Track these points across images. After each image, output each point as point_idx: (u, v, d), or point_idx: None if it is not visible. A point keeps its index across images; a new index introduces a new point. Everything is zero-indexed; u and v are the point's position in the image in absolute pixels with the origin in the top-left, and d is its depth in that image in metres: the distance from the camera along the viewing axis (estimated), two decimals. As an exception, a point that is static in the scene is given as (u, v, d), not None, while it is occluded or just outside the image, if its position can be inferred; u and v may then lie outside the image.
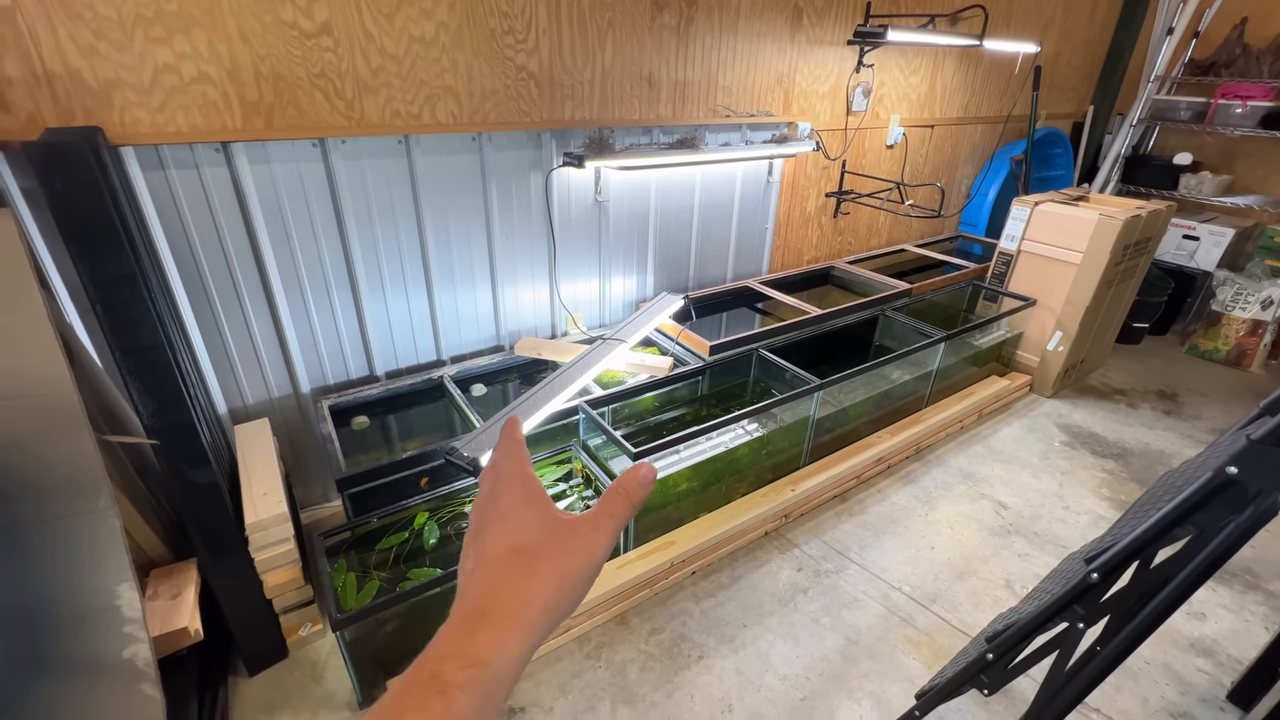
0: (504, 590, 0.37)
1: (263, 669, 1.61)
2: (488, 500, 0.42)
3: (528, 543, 0.39)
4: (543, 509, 0.40)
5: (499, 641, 0.34)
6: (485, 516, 0.41)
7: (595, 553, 0.39)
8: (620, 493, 0.41)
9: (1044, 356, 3.01)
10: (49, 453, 1.08)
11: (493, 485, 0.42)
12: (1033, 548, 2.10)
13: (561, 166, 2.15)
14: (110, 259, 1.21)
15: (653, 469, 0.42)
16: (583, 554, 0.39)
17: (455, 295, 2.15)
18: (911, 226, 3.76)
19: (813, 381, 2.10)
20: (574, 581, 0.38)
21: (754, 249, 2.97)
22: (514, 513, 0.40)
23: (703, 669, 1.64)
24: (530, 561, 0.38)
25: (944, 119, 3.47)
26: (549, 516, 0.40)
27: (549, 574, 0.37)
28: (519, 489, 0.41)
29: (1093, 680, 0.97)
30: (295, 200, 1.74)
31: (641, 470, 0.41)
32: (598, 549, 0.39)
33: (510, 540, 0.39)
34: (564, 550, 0.38)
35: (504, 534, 0.39)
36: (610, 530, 0.40)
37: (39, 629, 1.12)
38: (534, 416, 1.75)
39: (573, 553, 0.39)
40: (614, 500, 0.41)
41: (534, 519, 0.40)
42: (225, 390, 1.85)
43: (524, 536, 0.39)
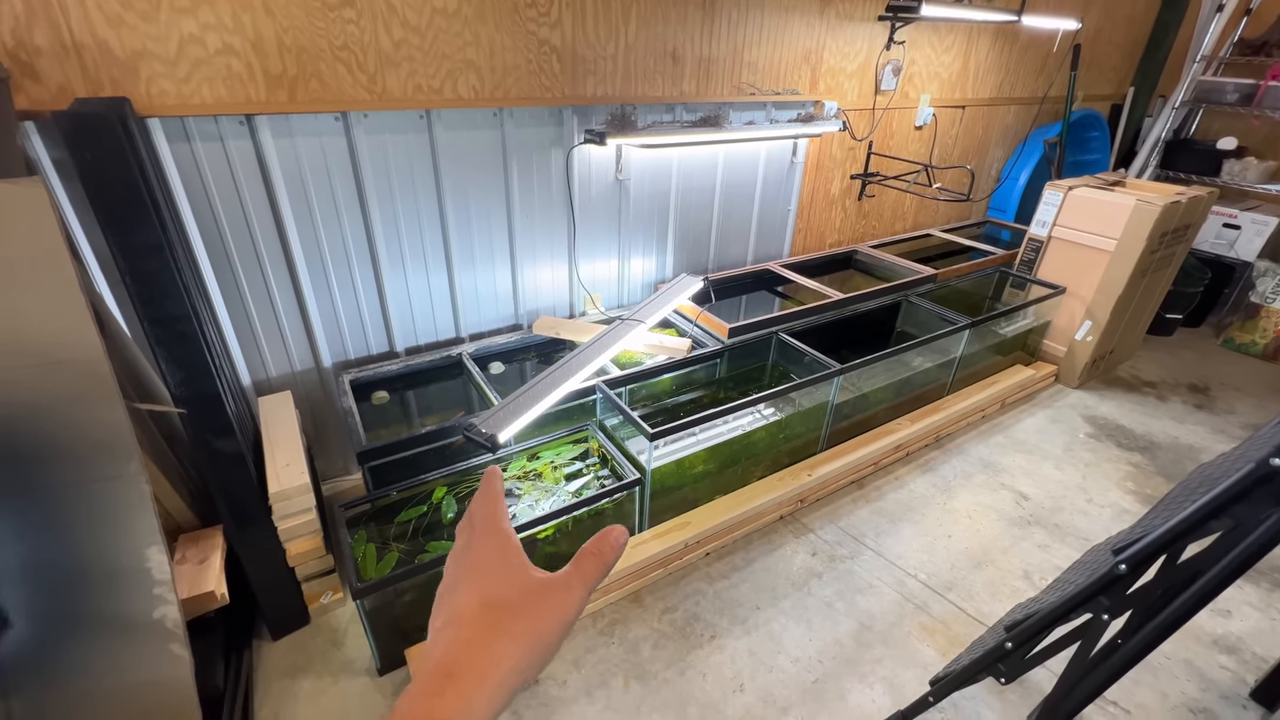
0: (474, 649, 0.36)
1: (286, 633, 1.66)
2: (462, 553, 0.42)
3: (500, 600, 0.38)
4: (517, 565, 0.40)
5: (466, 702, 0.34)
6: (459, 570, 0.41)
7: (568, 613, 0.39)
8: (593, 554, 0.41)
9: (1071, 346, 2.93)
10: (82, 418, 1.11)
11: (469, 538, 0.42)
12: (1053, 539, 2.07)
13: (583, 144, 2.13)
14: (138, 229, 1.23)
15: (625, 532, 0.42)
16: (556, 613, 0.38)
17: (475, 273, 2.15)
18: (938, 211, 3.67)
19: (833, 366, 2.07)
20: (545, 641, 0.38)
21: (776, 231, 2.93)
22: (487, 567, 0.40)
23: (715, 648, 1.65)
24: (502, 619, 0.37)
25: (976, 99, 3.36)
26: (523, 573, 0.40)
27: (521, 633, 0.37)
28: (494, 543, 0.41)
29: (1114, 673, 0.96)
30: (318, 174, 1.75)
31: (614, 533, 0.42)
32: (570, 609, 0.39)
33: (483, 596, 0.38)
34: (537, 609, 0.38)
35: (476, 589, 0.39)
36: (582, 591, 0.40)
37: (74, 587, 1.16)
38: (551, 395, 1.76)
39: (546, 612, 0.38)
40: (587, 561, 0.41)
41: (508, 575, 0.40)
42: (249, 362, 1.88)
43: (497, 593, 0.39)
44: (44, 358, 1.06)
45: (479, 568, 0.40)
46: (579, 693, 1.53)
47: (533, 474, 1.86)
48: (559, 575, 0.40)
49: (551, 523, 1.66)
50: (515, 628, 0.37)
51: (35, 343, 1.05)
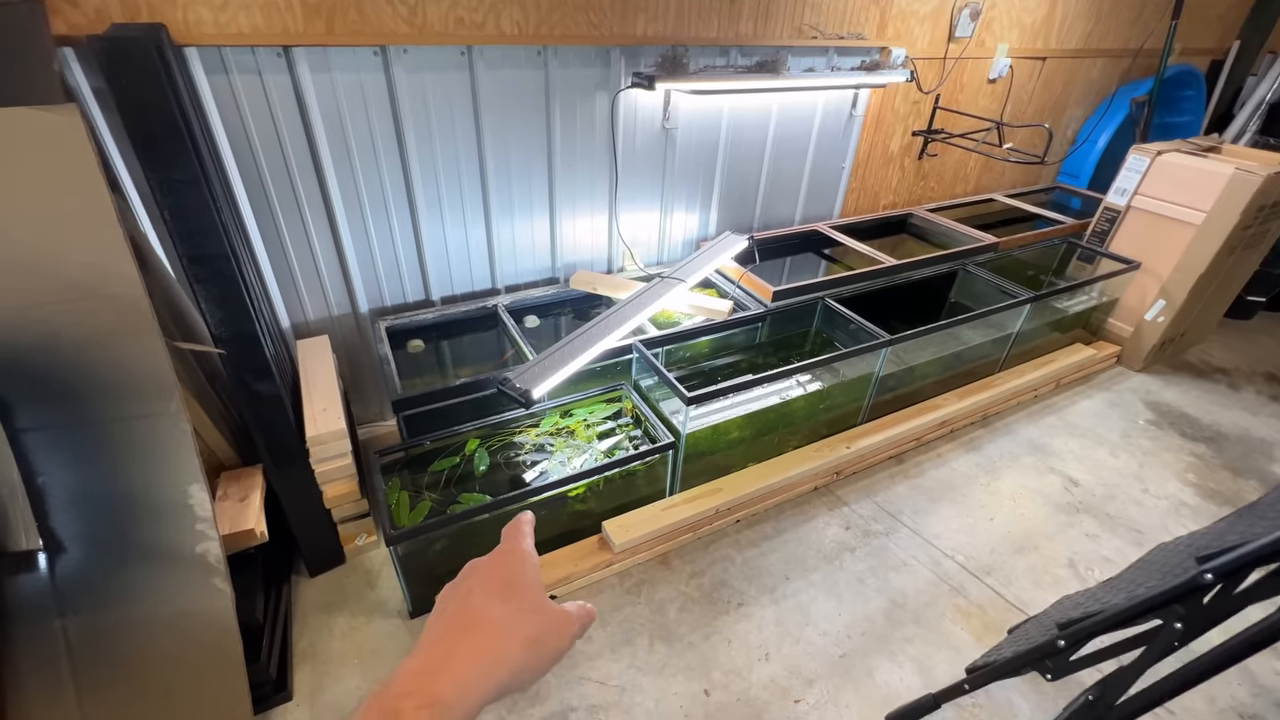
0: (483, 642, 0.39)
1: (322, 571, 1.71)
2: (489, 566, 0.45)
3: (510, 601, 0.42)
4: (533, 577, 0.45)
5: (462, 685, 0.36)
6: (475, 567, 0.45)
7: (564, 641, 0.43)
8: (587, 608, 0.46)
9: (1139, 326, 2.74)
10: (122, 354, 1.11)
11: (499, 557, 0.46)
12: (1103, 529, 1.97)
13: (630, 88, 2.01)
14: (175, 162, 1.19)
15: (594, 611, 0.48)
16: (556, 637, 0.43)
17: (513, 223, 2.09)
18: (1004, 174, 3.42)
19: (881, 336, 1.97)
20: (543, 656, 0.41)
21: (827, 189, 2.77)
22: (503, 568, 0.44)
23: (741, 616, 1.64)
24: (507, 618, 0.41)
25: (1059, 50, 3.07)
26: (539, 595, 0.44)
27: (523, 636, 0.40)
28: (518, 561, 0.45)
29: (1178, 687, 0.89)
30: (356, 114, 1.68)
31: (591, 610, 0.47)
32: (566, 639, 0.43)
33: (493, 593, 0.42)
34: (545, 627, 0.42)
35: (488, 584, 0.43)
36: (577, 629, 0.44)
37: (121, 518, 1.19)
38: (587, 353, 1.71)
39: (550, 632, 0.42)
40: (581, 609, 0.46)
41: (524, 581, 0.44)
42: (288, 305, 1.88)
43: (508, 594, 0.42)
44: (84, 291, 1.05)
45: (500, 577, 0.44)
46: (604, 648, 1.54)
47: (565, 431, 1.83)
48: (563, 608, 0.45)
49: (583, 482, 1.64)
50: (520, 631, 0.40)
51: (75, 275, 1.04)
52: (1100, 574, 1.81)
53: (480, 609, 0.41)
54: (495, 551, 0.46)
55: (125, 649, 1.22)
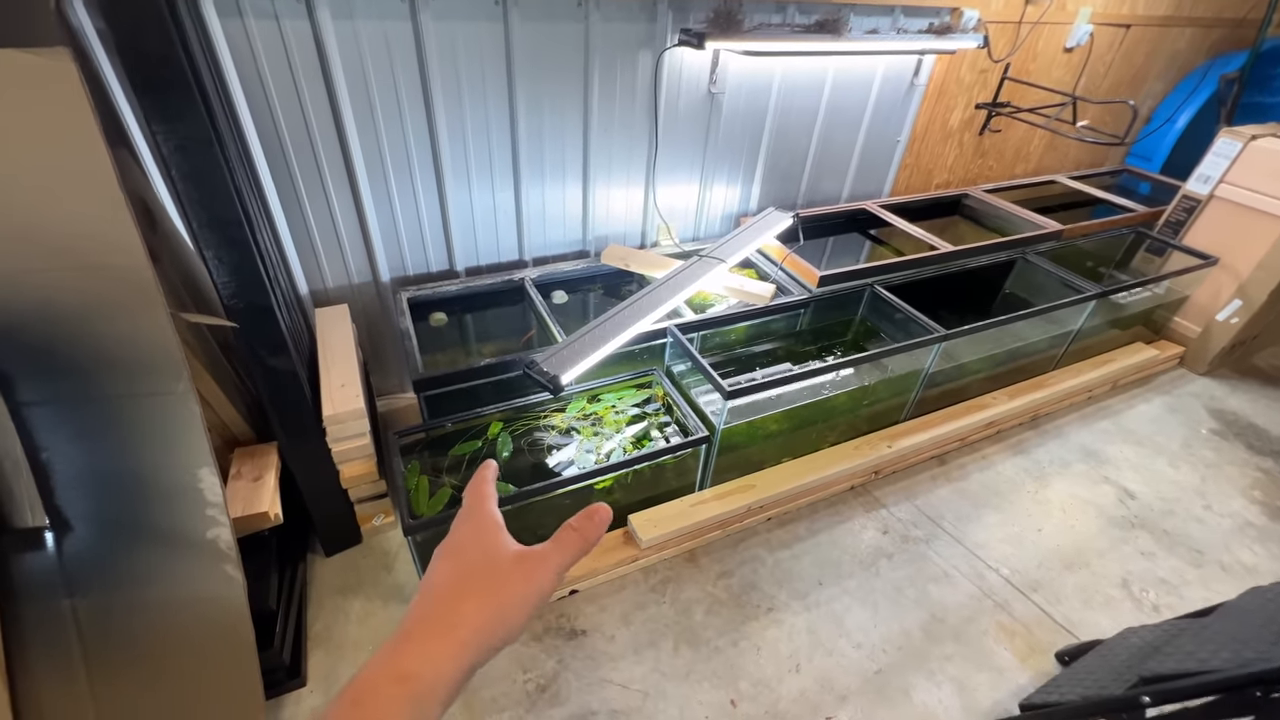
0: (436, 610, 0.38)
1: (338, 551, 1.66)
2: (449, 534, 0.44)
3: (468, 568, 0.41)
4: (490, 540, 0.43)
5: (426, 653, 0.36)
6: (442, 548, 0.43)
7: (540, 582, 0.40)
8: (575, 530, 0.43)
9: (1208, 327, 2.54)
10: (126, 328, 1.03)
11: (456, 523, 0.45)
12: (1159, 547, 1.84)
13: (676, 46, 1.83)
14: (183, 117, 1.08)
15: (609, 512, 0.45)
16: (524, 581, 0.40)
17: (543, 190, 1.95)
18: (1068, 154, 3.17)
19: (936, 331, 1.82)
20: (512, 605, 0.39)
21: (879, 165, 2.57)
22: (463, 542, 0.43)
23: (771, 621, 1.56)
24: (467, 583, 0.40)
25: (1146, 17, 2.78)
26: (495, 546, 0.42)
27: (485, 595, 0.39)
28: (473, 523, 0.44)
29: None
30: (380, 66, 1.55)
31: (599, 513, 0.44)
32: (543, 579, 0.41)
33: (453, 566, 0.41)
34: (505, 575, 0.40)
35: (453, 560, 0.42)
36: (558, 564, 0.42)
37: (129, 499, 1.13)
38: (619, 337, 1.60)
39: (515, 579, 0.40)
40: (567, 536, 0.43)
41: (479, 548, 0.42)
42: (307, 271, 1.78)
43: (466, 563, 0.41)
44: (79, 259, 0.96)
45: (456, 544, 0.43)
46: (626, 649, 1.48)
47: (592, 417, 1.74)
48: (535, 548, 0.42)
49: (610, 475, 1.55)
50: (480, 591, 0.39)
51: (68, 243, 0.95)
52: (1155, 597, 1.69)
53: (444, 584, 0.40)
54: (456, 520, 0.45)
55: (136, 632, 1.17)
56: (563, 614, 1.54)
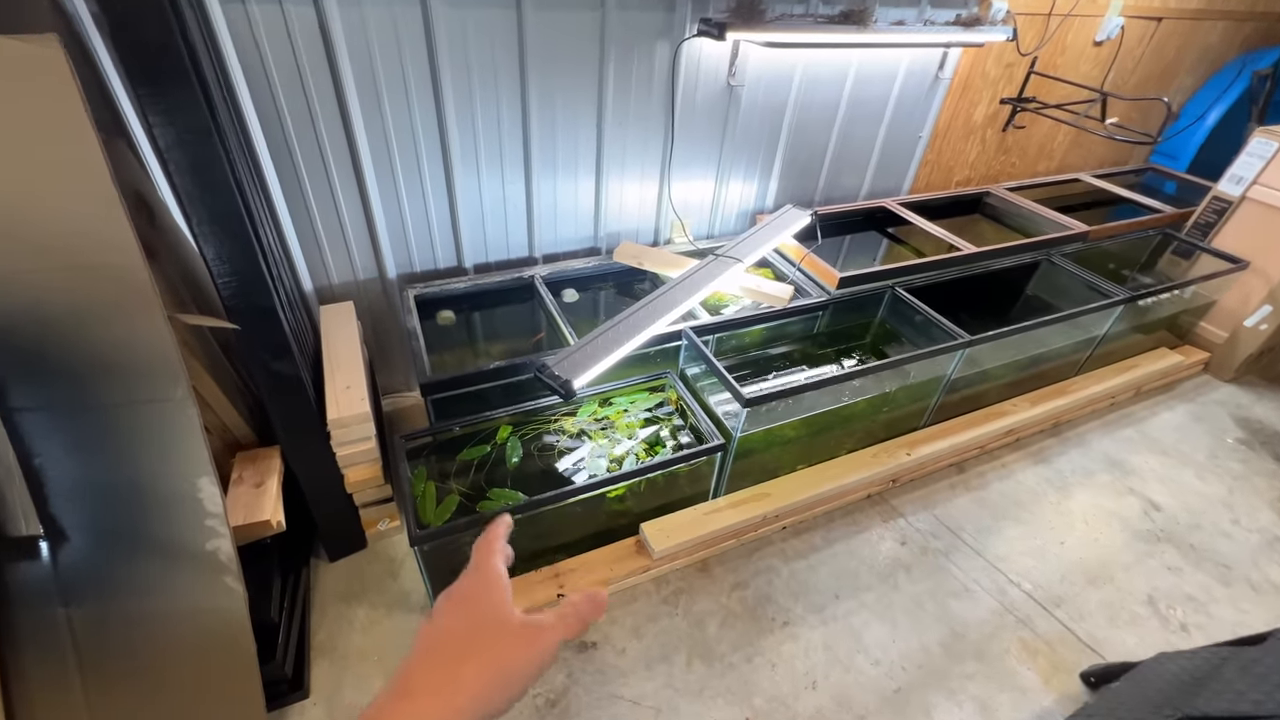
0: (438, 670, 0.38)
1: (342, 556, 1.62)
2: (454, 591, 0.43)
3: (474, 629, 0.40)
4: (498, 601, 0.42)
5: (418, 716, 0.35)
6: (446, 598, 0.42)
7: (541, 655, 0.40)
8: (574, 610, 0.43)
9: (1235, 332, 2.47)
10: (121, 332, 0.97)
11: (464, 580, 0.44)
12: (1186, 562, 1.79)
13: (695, 36, 1.76)
14: (181, 108, 1.02)
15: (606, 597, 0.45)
16: (527, 652, 0.40)
17: (555, 184, 1.89)
18: (1092, 151, 3.09)
19: (960, 336, 1.76)
20: (512, 676, 0.39)
21: (899, 162, 2.50)
22: (471, 599, 0.42)
23: (787, 636, 1.51)
24: (471, 647, 0.39)
25: (1178, 10, 2.68)
26: (502, 608, 0.41)
27: (487, 663, 0.38)
28: (481, 579, 0.43)
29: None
30: (388, 54, 1.48)
31: (599, 597, 0.45)
32: (544, 652, 0.40)
33: (459, 624, 0.40)
34: (509, 644, 0.39)
35: (457, 615, 0.41)
36: (557, 640, 0.41)
37: (126, 508, 1.09)
38: (634, 340, 1.54)
39: (517, 648, 0.39)
40: (570, 616, 0.43)
41: (488, 610, 0.41)
42: (311, 267, 1.73)
43: (472, 623, 0.40)
44: (73, 259, 0.91)
45: (463, 600, 0.42)
46: (638, 663, 1.43)
47: (604, 421, 1.69)
48: (539, 618, 0.42)
49: (623, 484, 1.50)
50: (483, 657, 0.38)
51: (59, 241, 0.89)
52: (1183, 615, 1.64)
53: (445, 642, 0.39)
54: (463, 574, 0.44)
55: (133, 643, 1.13)
56: (572, 625, 1.49)
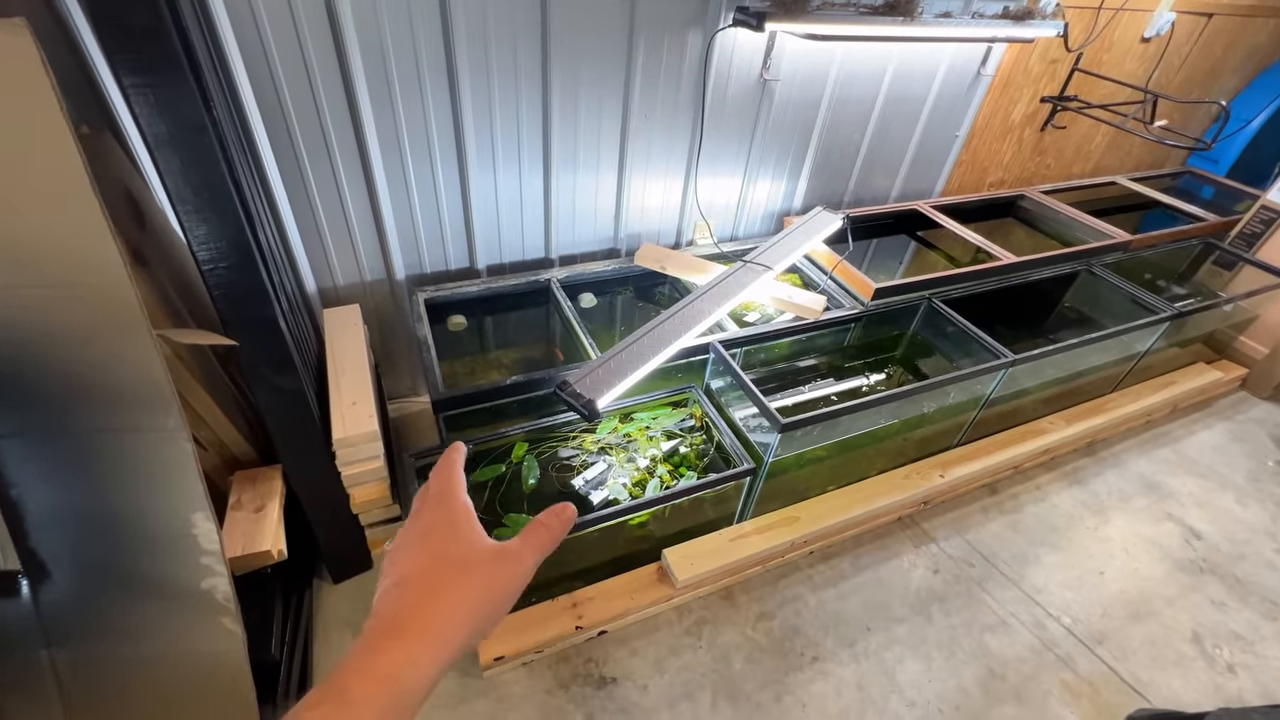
0: (420, 606, 0.37)
1: (347, 577, 1.53)
2: (413, 519, 0.43)
3: (448, 561, 0.39)
4: (467, 531, 0.41)
5: (411, 656, 0.35)
6: (410, 535, 0.42)
7: (515, 579, 0.40)
8: (543, 526, 0.43)
9: (1277, 349, 2.37)
10: (105, 355, 0.87)
11: (420, 505, 0.44)
12: (1231, 596, 1.71)
13: (731, 26, 1.63)
14: (173, 102, 0.90)
15: (574, 510, 0.46)
16: (502, 578, 0.40)
17: (575, 180, 1.77)
18: (1129, 153, 2.96)
19: (1004, 355, 1.66)
20: (491, 603, 0.39)
21: (933, 162, 2.37)
22: (439, 532, 0.41)
23: (817, 673, 1.43)
24: (448, 579, 0.38)
25: (1230, 5, 2.54)
26: (472, 539, 0.41)
27: (466, 593, 0.38)
28: (446, 512, 0.42)
29: None
30: (400, 39, 1.36)
31: (566, 512, 0.45)
32: (517, 576, 0.40)
33: (431, 558, 0.40)
34: (484, 572, 0.39)
35: (426, 551, 0.40)
36: (531, 560, 0.42)
37: (113, 544, 0.99)
38: (660, 355, 1.44)
39: (493, 576, 0.40)
40: (537, 533, 0.43)
41: (457, 540, 0.41)
42: (315, 268, 1.62)
43: (445, 555, 0.40)
44: (47, 276, 0.80)
45: (429, 533, 0.41)
46: (660, 703, 1.35)
47: (626, 438, 1.59)
48: (509, 544, 0.42)
49: (648, 510, 1.41)
50: (461, 588, 0.38)
51: (35, 256, 0.78)
52: (1230, 655, 1.56)
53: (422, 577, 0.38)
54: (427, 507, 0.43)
55: (123, 687, 1.05)
56: (591, 659, 1.41)
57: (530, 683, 1.36)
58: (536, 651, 1.39)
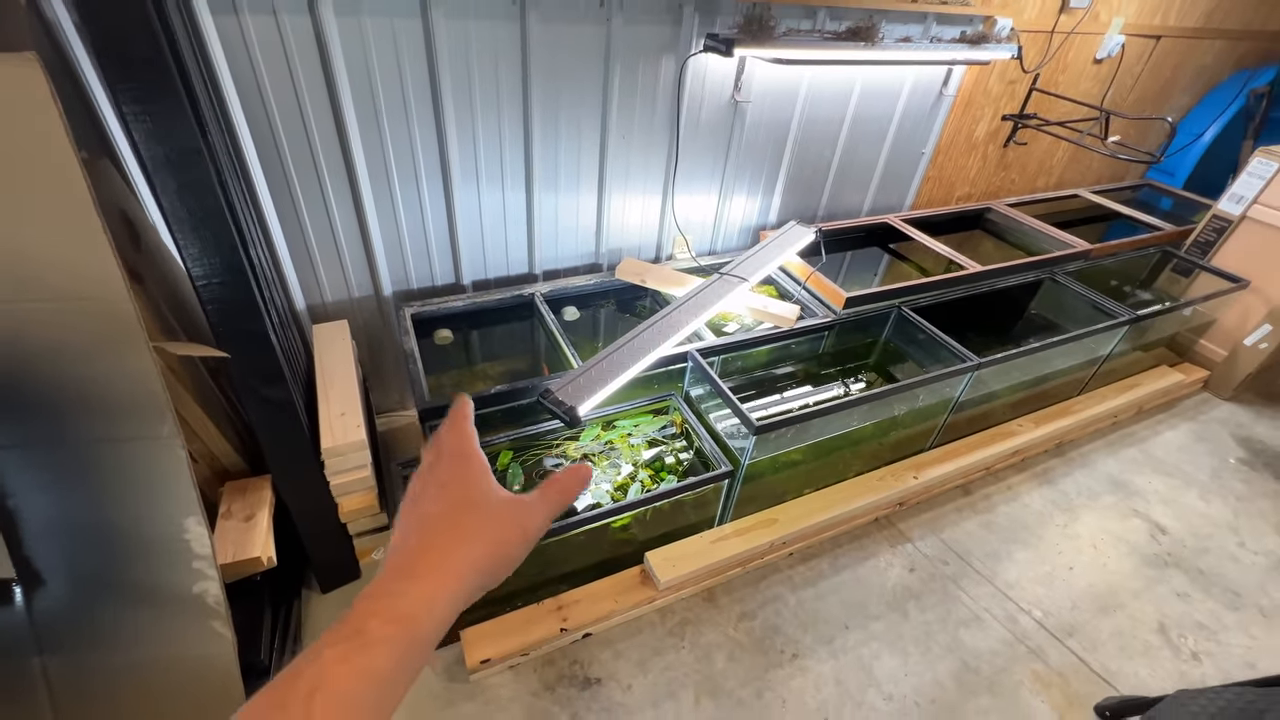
0: (436, 549, 0.37)
1: (335, 587, 1.55)
2: (427, 471, 0.43)
3: (465, 508, 0.40)
4: (483, 480, 0.41)
5: (427, 598, 0.35)
6: (425, 484, 0.42)
7: (529, 529, 0.41)
8: (559, 483, 0.44)
9: (1235, 351, 2.47)
10: (104, 367, 0.91)
11: (434, 458, 0.43)
12: (1195, 588, 1.77)
13: (702, 52, 1.72)
14: (170, 130, 0.96)
15: (590, 470, 0.46)
16: (517, 527, 0.40)
17: (556, 199, 1.85)
18: (1090, 167, 3.09)
19: (970, 359, 1.74)
20: (506, 551, 0.39)
21: (902, 178, 2.48)
22: (453, 480, 0.41)
23: (796, 670, 1.47)
24: (465, 525, 0.39)
25: (1177, 28, 2.69)
26: (489, 487, 0.41)
27: (483, 540, 0.39)
28: (459, 460, 0.42)
29: None
30: (387, 67, 1.43)
31: (583, 470, 0.45)
32: (531, 526, 0.41)
33: (447, 504, 0.40)
34: (500, 521, 0.40)
35: (441, 498, 0.40)
36: (545, 514, 0.42)
37: (107, 551, 1.02)
38: (640, 363, 1.50)
39: (508, 525, 0.40)
40: (553, 490, 0.43)
41: (473, 487, 0.41)
42: (304, 285, 1.67)
43: (463, 502, 0.40)
44: (52, 291, 0.85)
45: (447, 483, 0.41)
46: (644, 701, 1.38)
47: (608, 445, 1.64)
48: (525, 496, 0.42)
49: (628, 513, 1.45)
50: (478, 535, 0.39)
51: (41, 272, 0.83)
52: (1194, 642, 1.62)
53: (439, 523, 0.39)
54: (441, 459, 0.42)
55: (114, 692, 1.07)
56: (576, 660, 1.44)
57: (516, 685, 1.39)
58: (522, 654, 1.42)
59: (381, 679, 0.32)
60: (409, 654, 0.33)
